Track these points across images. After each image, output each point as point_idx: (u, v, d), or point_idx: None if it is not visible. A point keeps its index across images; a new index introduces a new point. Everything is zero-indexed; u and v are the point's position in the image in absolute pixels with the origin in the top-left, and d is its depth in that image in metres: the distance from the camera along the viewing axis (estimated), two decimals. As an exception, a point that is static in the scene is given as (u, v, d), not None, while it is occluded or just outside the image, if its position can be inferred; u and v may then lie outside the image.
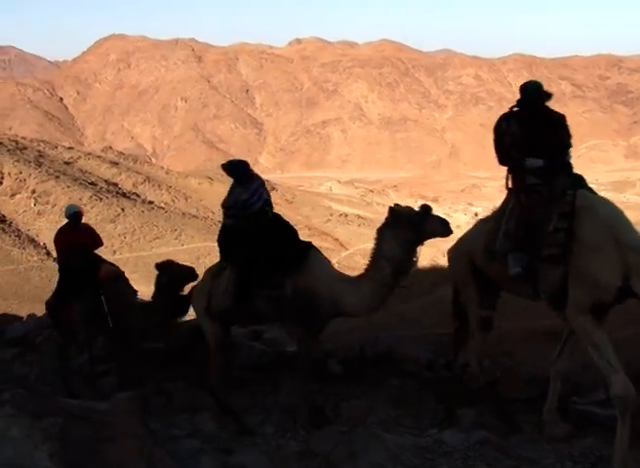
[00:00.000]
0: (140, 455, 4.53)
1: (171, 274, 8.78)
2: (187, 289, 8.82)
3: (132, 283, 10.03)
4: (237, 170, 7.88)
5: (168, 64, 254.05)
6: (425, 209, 6.72)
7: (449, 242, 7.62)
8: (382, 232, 6.85)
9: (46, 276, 56.34)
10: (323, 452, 6.01)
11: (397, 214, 6.70)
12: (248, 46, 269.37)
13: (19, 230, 68.96)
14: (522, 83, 7.63)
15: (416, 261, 6.83)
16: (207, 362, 7.68)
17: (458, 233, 7.46)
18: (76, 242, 9.40)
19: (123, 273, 9.69)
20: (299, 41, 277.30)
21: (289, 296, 6.99)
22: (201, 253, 65.97)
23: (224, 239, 7.77)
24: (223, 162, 8.13)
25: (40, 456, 4.05)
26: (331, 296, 6.93)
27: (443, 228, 6.68)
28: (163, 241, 69.89)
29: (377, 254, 6.86)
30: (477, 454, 5.72)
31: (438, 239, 7.15)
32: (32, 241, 67.42)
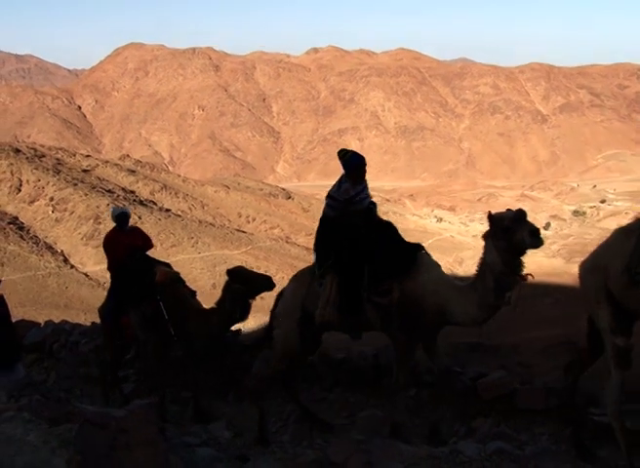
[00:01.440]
0: (155, 463, 4.53)
1: (242, 282, 8.32)
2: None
3: None
4: (353, 163, 7.14)
5: (185, 73, 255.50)
6: (518, 214, 6.02)
7: (465, 250, 7.50)
8: (485, 240, 6.28)
9: (63, 283, 56.68)
10: (339, 461, 5.99)
11: (492, 220, 6.08)
12: (265, 55, 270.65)
13: (36, 237, 69.40)
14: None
15: (519, 276, 6.09)
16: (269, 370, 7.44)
17: (474, 243, 7.34)
18: (126, 244, 9.00)
19: (179, 274, 9.12)
20: (316, 50, 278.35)
21: (396, 303, 6.55)
22: (217, 260, 66.14)
23: (325, 234, 7.20)
24: (340, 149, 7.38)
25: (57, 462, 4.06)
26: (437, 304, 6.49)
27: (531, 239, 5.95)
28: (180, 248, 70.07)
29: (481, 264, 6.33)
30: (493, 465, 5.68)
31: (454, 246, 7.04)
32: (50, 248, 67.81)
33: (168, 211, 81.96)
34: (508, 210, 6.17)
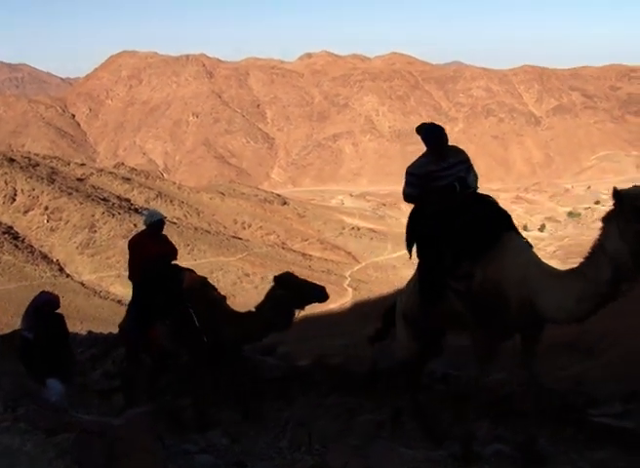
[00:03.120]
0: (153, 471, 4.52)
1: (289, 289, 7.87)
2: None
3: None
4: (430, 135, 6.38)
5: (179, 80, 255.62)
6: None
7: None
8: (605, 222, 5.15)
9: (59, 292, 56.35)
10: (338, 467, 5.98)
11: (622, 197, 4.93)
12: (259, 61, 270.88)
13: (32, 246, 69.32)
14: None
15: None
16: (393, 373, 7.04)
17: None
18: (156, 253, 8.41)
19: (207, 279, 8.67)
20: (309, 55, 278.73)
21: (476, 290, 5.68)
22: (214, 267, 66.12)
23: (411, 215, 6.61)
24: (419, 124, 6.58)
25: (55, 472, 4.05)
26: (524, 294, 5.45)
27: None
28: (175, 256, 69.98)
29: (596, 249, 5.21)
30: (492, 467, 5.68)
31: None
32: (45, 257, 67.73)
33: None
34: (635, 186, 5.02)
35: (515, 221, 6.16)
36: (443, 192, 6.19)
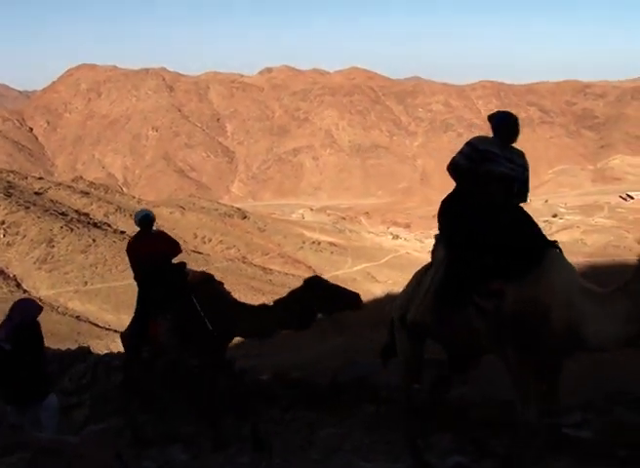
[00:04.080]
0: (111, 488, 4.47)
1: (316, 292, 7.53)
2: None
3: (103, 313, 9.71)
4: (499, 122, 5.74)
5: (139, 94, 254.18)
6: None
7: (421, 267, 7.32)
8: None
9: (16, 308, 55.62)
10: (298, 482, 5.97)
11: None
12: (219, 75, 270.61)
13: (-12, 262, 68.15)
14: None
15: None
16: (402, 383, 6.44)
17: (430, 259, 7.14)
18: (150, 250, 8.23)
19: (213, 275, 8.50)
20: (269, 70, 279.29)
21: (508, 312, 5.08)
22: (174, 282, 65.55)
23: (452, 193, 5.94)
24: (491, 113, 5.86)
25: (9, 492, 3.98)
26: (568, 319, 4.93)
27: None
28: (135, 271, 69.36)
29: None
30: (452, 479, 5.71)
31: (410, 263, 7.05)
32: (2, 272, 66.58)
33: (123, 233, 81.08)
34: None
35: None
36: (498, 181, 5.54)
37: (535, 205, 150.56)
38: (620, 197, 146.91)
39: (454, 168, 5.73)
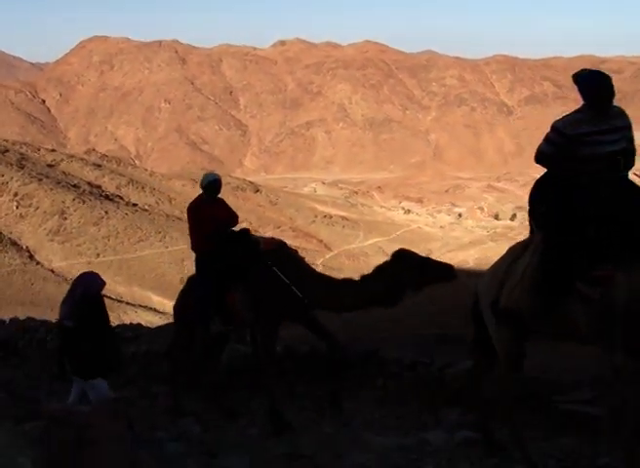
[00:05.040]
0: (123, 458, 4.51)
1: (407, 266, 6.95)
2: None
3: (115, 285, 9.57)
4: (588, 84, 4.91)
5: (151, 66, 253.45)
6: None
7: (432, 241, 7.29)
8: None
9: (29, 279, 56.13)
10: (309, 454, 6.01)
11: None
12: (232, 48, 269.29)
13: (1, 233, 68.51)
14: None
15: None
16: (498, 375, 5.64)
17: (441, 234, 7.04)
18: (214, 216, 7.67)
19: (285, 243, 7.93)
20: (282, 43, 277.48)
21: (618, 302, 4.42)
22: (186, 255, 65.73)
23: (541, 180, 5.20)
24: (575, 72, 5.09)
25: (22, 461, 4.03)
26: None
27: None
28: (147, 243, 69.67)
29: None
30: (461, 453, 5.73)
31: (421, 238, 7.02)
32: (14, 244, 67.02)
33: (135, 205, 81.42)
34: None
35: (487, 210, 5.66)
36: (600, 160, 4.77)
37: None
38: (635, 174, 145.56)
39: (541, 158, 5.02)
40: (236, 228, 7.90)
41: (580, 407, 6.62)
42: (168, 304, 56.22)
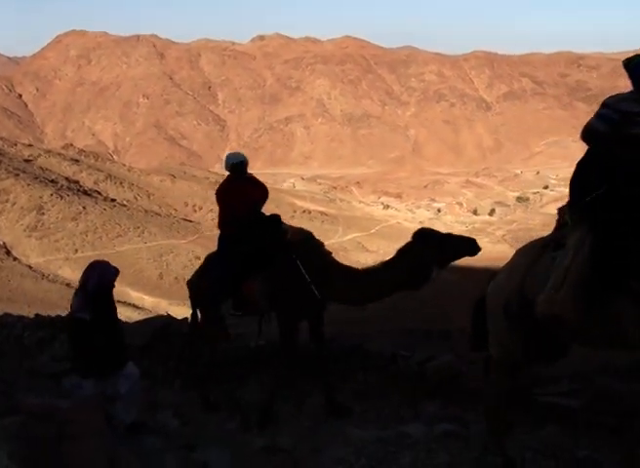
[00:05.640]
0: (102, 453, 4.49)
1: (432, 245, 6.69)
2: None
3: None
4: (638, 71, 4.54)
5: (129, 61, 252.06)
6: None
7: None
8: None
9: (6, 275, 55.64)
10: (288, 448, 6.02)
11: None
12: (210, 42, 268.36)
13: (-23, 229, 67.94)
14: None
15: None
16: (489, 382, 5.43)
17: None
18: (244, 195, 7.42)
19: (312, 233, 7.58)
20: (261, 38, 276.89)
21: None
22: (164, 250, 65.65)
23: (586, 160, 4.83)
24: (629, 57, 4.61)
25: (0, 456, 4.00)
26: None
27: None
28: (125, 239, 69.31)
29: None
30: (440, 446, 5.76)
31: (400, 233, 7.05)
32: (-9, 240, 66.43)
33: (113, 200, 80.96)
34: None
35: (466, 205, 5.59)
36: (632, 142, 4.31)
37: (526, 176, 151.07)
38: None
39: (590, 134, 4.59)
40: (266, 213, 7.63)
41: (559, 399, 6.69)
42: (146, 300, 56.04)
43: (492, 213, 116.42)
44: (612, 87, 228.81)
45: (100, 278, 6.13)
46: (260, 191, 7.66)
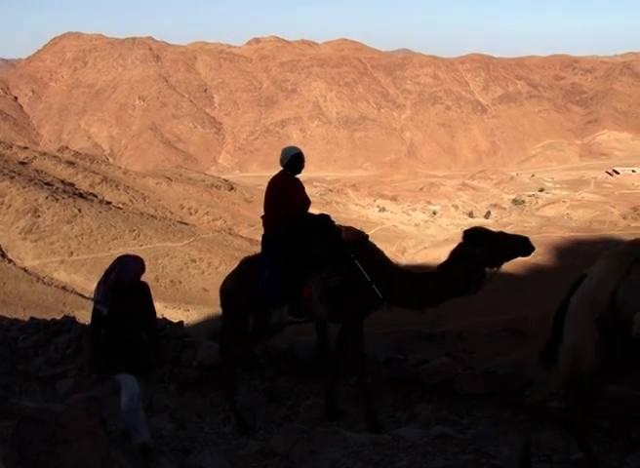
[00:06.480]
0: (96, 456, 4.47)
1: (485, 245, 6.49)
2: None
3: (89, 284, 9.44)
4: None
5: (125, 63, 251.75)
6: None
7: (407, 239, 7.27)
8: None
9: (0, 278, 55.47)
10: (283, 451, 6.01)
11: None
12: (206, 45, 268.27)
13: (-28, 231, 67.76)
14: None
15: None
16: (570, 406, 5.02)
17: (416, 231, 6.99)
18: (297, 194, 7.22)
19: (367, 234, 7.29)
20: (257, 40, 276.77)
21: None
22: (160, 253, 65.52)
23: None
24: None
25: (-7, 459, 3.99)
26: None
27: None
28: (121, 241, 69.14)
29: None
30: (436, 449, 5.76)
31: (396, 235, 7.03)
32: (-13, 242, 66.24)
33: (109, 203, 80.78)
34: None
35: (461, 208, 5.45)
36: None
37: (522, 179, 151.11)
38: (607, 172, 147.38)
39: None
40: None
41: (553, 402, 6.69)
42: (142, 303, 55.87)
43: (487, 215, 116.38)
44: (606, 89, 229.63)
45: (120, 274, 5.86)
46: (305, 195, 7.48)
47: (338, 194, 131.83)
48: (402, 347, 9.87)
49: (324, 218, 7.25)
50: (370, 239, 7.23)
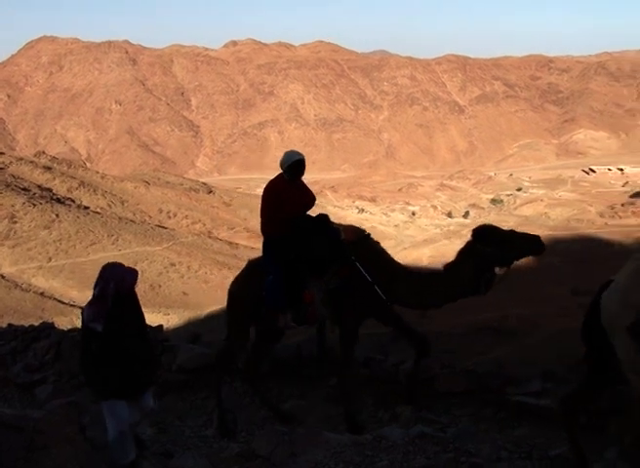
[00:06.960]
0: (75, 462, 4.45)
1: (495, 244, 6.36)
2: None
3: (68, 290, 9.36)
4: None
5: (101, 67, 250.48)
6: None
7: (387, 240, 7.24)
8: None
9: (-22, 285, 54.95)
10: (264, 453, 6.01)
11: None
12: (183, 48, 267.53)
13: (-52, 239, 67.13)
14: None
15: None
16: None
17: (395, 232, 6.97)
18: (297, 199, 7.05)
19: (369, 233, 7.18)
20: (234, 43, 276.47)
21: None
22: (139, 257, 65.17)
23: None
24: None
25: (-29, 466, 3.96)
26: None
27: None
28: (100, 246, 68.73)
29: None
30: (416, 448, 5.77)
31: (376, 236, 7.03)
32: (-37, 249, 65.65)
33: (87, 208, 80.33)
34: None
35: (440, 208, 5.36)
36: None
37: (499, 179, 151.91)
38: (584, 171, 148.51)
39: None
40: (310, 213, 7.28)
41: (531, 399, 6.74)
42: (122, 307, 55.60)
43: (466, 215, 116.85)
44: (582, 89, 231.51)
45: (116, 284, 5.55)
46: (308, 197, 7.36)
47: (316, 196, 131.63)
48: (385, 347, 9.88)
49: (323, 219, 7.13)
50: (371, 236, 7.14)
